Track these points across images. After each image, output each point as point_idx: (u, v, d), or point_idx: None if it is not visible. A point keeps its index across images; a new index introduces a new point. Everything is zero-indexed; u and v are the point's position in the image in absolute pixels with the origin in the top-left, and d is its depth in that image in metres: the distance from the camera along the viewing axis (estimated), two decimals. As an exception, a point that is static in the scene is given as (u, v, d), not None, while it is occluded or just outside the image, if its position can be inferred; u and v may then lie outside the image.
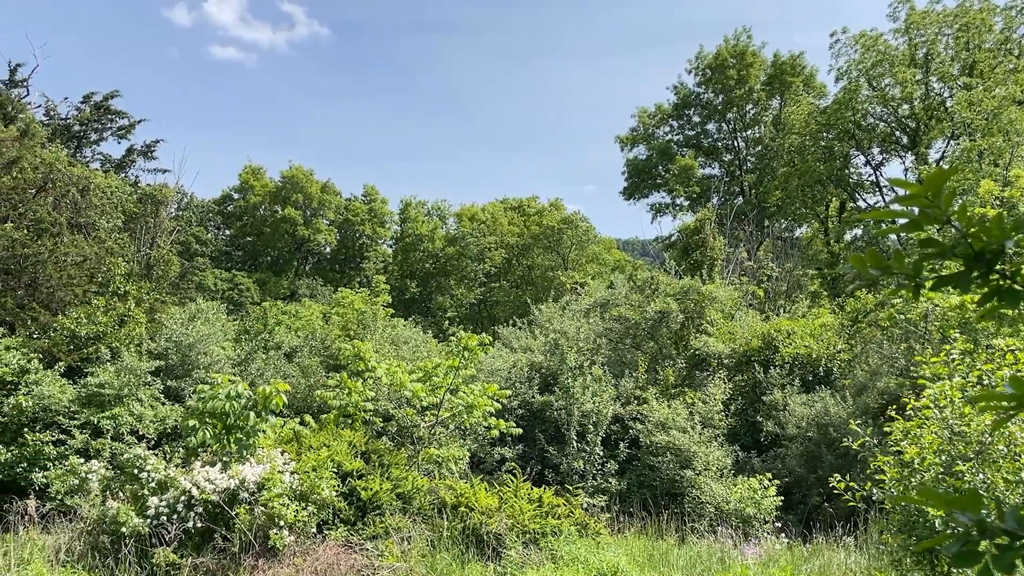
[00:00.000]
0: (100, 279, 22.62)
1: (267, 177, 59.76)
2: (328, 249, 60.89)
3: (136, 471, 12.29)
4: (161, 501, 11.60)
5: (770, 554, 13.17)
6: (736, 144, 54.88)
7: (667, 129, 56.48)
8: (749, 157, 54.20)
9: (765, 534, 14.56)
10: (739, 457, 17.55)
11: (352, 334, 22.13)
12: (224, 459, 12.55)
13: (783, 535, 14.53)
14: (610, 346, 21.87)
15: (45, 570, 10.51)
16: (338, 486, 12.48)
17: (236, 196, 59.71)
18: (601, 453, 17.21)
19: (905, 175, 40.33)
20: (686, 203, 54.35)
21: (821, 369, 19.11)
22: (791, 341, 19.82)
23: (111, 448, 15.66)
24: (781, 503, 15.22)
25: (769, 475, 15.52)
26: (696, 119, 55.49)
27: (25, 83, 37.15)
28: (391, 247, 62.90)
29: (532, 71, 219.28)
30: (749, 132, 54.60)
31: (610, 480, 16.95)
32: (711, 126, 55.50)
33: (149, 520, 11.40)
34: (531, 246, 56.37)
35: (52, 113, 38.79)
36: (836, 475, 9.89)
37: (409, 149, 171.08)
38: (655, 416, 17.45)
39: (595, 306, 23.73)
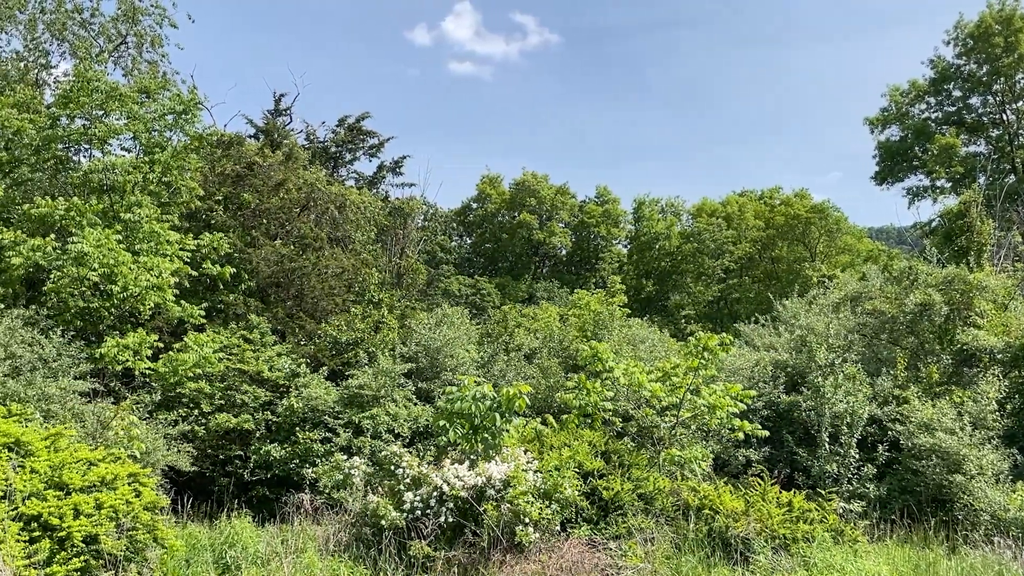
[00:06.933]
0: (357, 288, 24.41)
1: (503, 185, 61.83)
2: (563, 251, 61.91)
3: (393, 467, 13.13)
4: (415, 496, 12.26)
5: (1060, 571, 11.73)
6: (1005, 118, 49.57)
7: (923, 107, 52.04)
8: (1021, 131, 48.79)
9: (1053, 548, 13.00)
10: (1018, 461, 15.82)
11: (589, 335, 22.29)
12: (471, 457, 13.09)
13: (1075, 550, 12.92)
14: (863, 342, 20.46)
15: (316, 558, 11.42)
16: (580, 485, 12.59)
17: (475, 206, 62.28)
18: (856, 456, 16.11)
19: None
20: (947, 185, 49.92)
21: (1118, 364, 16.79)
22: (1080, 332, 17.59)
23: (371, 446, 16.77)
24: (1072, 514, 13.53)
25: (1057, 482, 13.86)
26: (957, 93, 50.66)
27: (288, 111, 40.72)
28: (626, 247, 62.89)
29: (767, 58, 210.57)
30: (1020, 104, 49.10)
31: (867, 485, 15.83)
32: (974, 100, 50.46)
33: (405, 514, 12.09)
34: (775, 238, 54.15)
35: (312, 137, 42.15)
36: None
37: (641, 148, 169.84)
38: (918, 417, 16.12)
39: (845, 300, 22.32)
